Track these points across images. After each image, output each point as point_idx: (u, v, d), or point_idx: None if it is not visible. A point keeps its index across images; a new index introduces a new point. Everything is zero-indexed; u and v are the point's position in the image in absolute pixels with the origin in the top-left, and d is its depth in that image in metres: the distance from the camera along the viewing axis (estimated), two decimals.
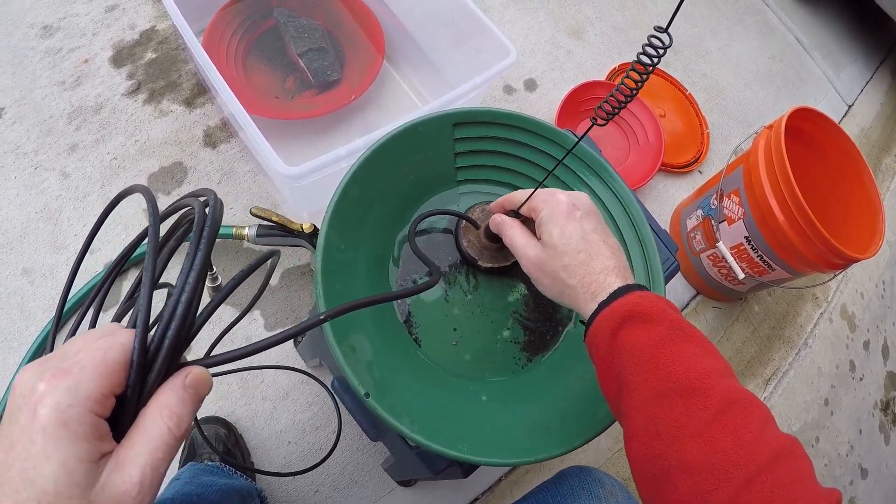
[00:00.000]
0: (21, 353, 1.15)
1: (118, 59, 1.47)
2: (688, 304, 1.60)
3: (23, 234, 1.25)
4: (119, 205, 0.45)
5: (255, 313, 1.26)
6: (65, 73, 1.43)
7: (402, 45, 1.51)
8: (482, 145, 0.84)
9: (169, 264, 0.42)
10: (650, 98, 1.76)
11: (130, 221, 1.28)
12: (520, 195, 0.69)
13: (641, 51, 0.47)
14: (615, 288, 0.58)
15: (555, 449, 0.69)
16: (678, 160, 1.72)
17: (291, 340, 1.23)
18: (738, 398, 0.49)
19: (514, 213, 0.71)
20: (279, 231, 1.17)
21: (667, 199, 1.69)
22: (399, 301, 0.77)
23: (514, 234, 0.68)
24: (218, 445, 1.10)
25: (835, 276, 1.40)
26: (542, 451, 0.69)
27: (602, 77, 1.78)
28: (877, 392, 1.81)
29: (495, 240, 0.74)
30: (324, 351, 1.01)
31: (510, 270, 0.79)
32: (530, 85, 1.75)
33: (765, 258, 1.33)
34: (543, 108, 1.70)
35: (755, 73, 2.11)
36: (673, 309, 0.57)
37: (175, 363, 0.36)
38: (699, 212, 1.48)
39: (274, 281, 1.29)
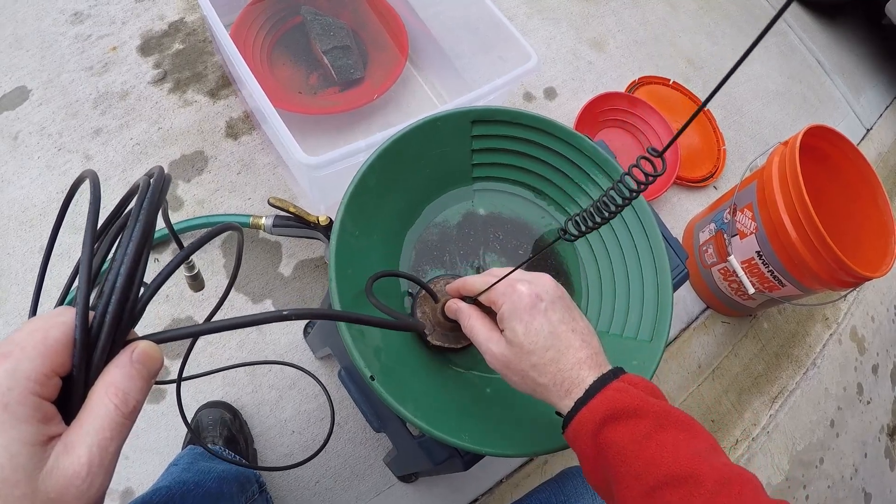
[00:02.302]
0: None
1: (146, 49, 1.50)
2: (697, 318, 1.61)
3: (43, 213, 1.27)
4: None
5: (267, 302, 1.27)
6: (93, 59, 1.46)
7: (425, 48, 1.53)
8: (499, 144, 0.85)
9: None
10: (668, 111, 1.77)
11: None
12: (478, 283, 0.64)
13: (627, 171, 0.43)
14: (589, 383, 0.55)
15: (557, 442, 0.70)
16: (693, 174, 1.73)
17: (301, 330, 1.25)
18: (729, 476, 0.48)
19: (472, 300, 0.66)
20: (295, 222, 1.18)
21: (681, 212, 1.70)
22: (409, 289, 0.79)
23: (473, 325, 0.63)
24: (222, 430, 1.10)
25: (845, 295, 1.39)
26: (545, 444, 0.69)
27: (622, 89, 1.80)
28: (884, 416, 1.80)
29: (450, 319, 0.70)
30: (333, 338, 1.02)
31: (460, 352, 0.76)
32: (550, 93, 1.77)
33: (775, 273, 1.33)
34: (562, 117, 1.71)
35: (774, 93, 2.11)
36: (653, 393, 0.56)
37: (121, 340, 0.35)
38: (712, 225, 1.49)
39: (287, 272, 1.30)
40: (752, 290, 1.37)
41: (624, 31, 1.99)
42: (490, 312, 0.64)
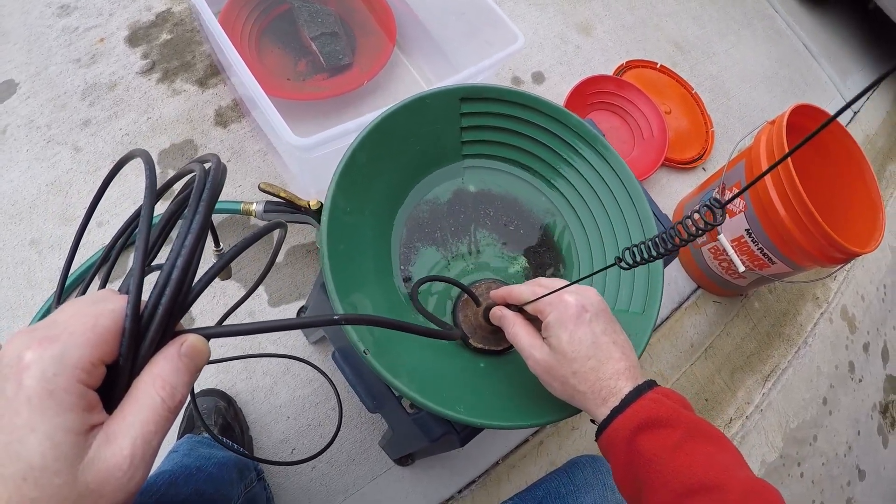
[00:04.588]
0: (26, 323, 1.16)
1: (133, 39, 1.49)
2: (688, 298, 1.61)
3: (32, 205, 1.27)
4: (128, 179, 0.44)
5: (259, 289, 1.27)
6: (80, 52, 1.45)
7: (413, 33, 1.53)
8: (488, 121, 0.86)
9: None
10: (656, 94, 1.78)
11: (140, 195, 1.30)
12: (525, 293, 0.66)
13: (690, 215, 0.45)
14: (626, 393, 0.58)
15: (552, 415, 0.70)
16: (682, 156, 1.74)
17: (295, 315, 1.25)
18: (754, 488, 0.51)
19: (517, 308, 0.68)
20: (286, 207, 1.18)
21: (671, 192, 1.71)
22: (402, 266, 0.79)
23: (517, 332, 0.65)
24: (217, 418, 1.10)
25: (835, 272, 1.40)
26: (540, 416, 0.70)
27: (609, 73, 1.80)
28: (876, 394, 1.82)
29: (491, 323, 0.72)
30: None
31: (502, 354, 0.78)
32: (538, 77, 1.77)
33: (765, 251, 1.34)
34: (550, 100, 1.71)
35: (761, 77, 2.12)
36: (684, 406, 0.59)
37: (170, 331, 0.35)
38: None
39: (279, 258, 1.30)
40: (742, 269, 1.38)
41: (611, 15, 2.00)
42: (533, 320, 0.67)
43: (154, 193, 0.37)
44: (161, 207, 1.29)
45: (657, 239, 0.48)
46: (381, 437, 1.20)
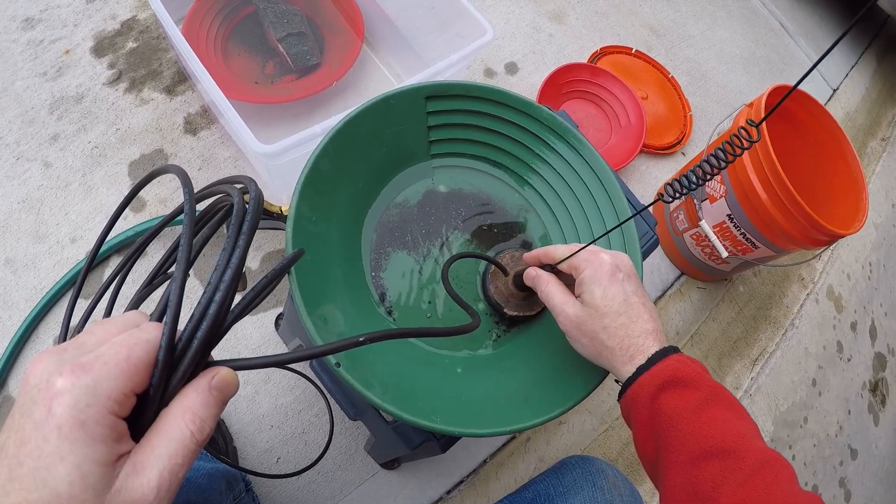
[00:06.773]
0: (3, 344, 1.14)
1: (99, 49, 1.46)
2: (672, 285, 1.60)
3: (4, 225, 1.24)
4: (99, 192, 0.43)
5: (237, 297, 1.25)
6: (46, 65, 1.42)
7: (382, 29, 1.51)
8: (455, 118, 0.84)
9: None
10: (632, 80, 1.76)
11: (112, 210, 1.27)
12: (559, 251, 0.68)
13: (728, 139, 0.48)
14: (653, 352, 0.60)
15: (532, 419, 0.69)
16: (661, 142, 1.72)
17: (273, 323, 1.24)
18: (768, 459, 0.52)
19: (550, 268, 0.70)
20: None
21: (650, 179, 1.69)
22: (373, 272, 0.77)
23: (550, 290, 0.67)
24: None
25: (820, 254, 1.39)
26: (519, 421, 0.69)
27: (584, 60, 1.79)
28: (865, 373, 1.82)
29: (523, 289, 0.74)
30: (302, 329, 1.01)
31: (535, 318, 0.79)
32: (511, 68, 1.75)
33: (748, 236, 1.33)
34: (525, 91, 1.69)
35: (739, 58, 2.11)
36: (705, 371, 0.60)
37: (202, 364, 0.35)
38: None
39: (255, 265, 1.28)
40: (725, 254, 1.37)
41: (583, 2, 1.97)
42: (565, 282, 0.69)
43: (193, 226, 0.37)
44: (141, 217, 1.27)
45: (696, 168, 0.51)
46: (365, 442, 1.19)
